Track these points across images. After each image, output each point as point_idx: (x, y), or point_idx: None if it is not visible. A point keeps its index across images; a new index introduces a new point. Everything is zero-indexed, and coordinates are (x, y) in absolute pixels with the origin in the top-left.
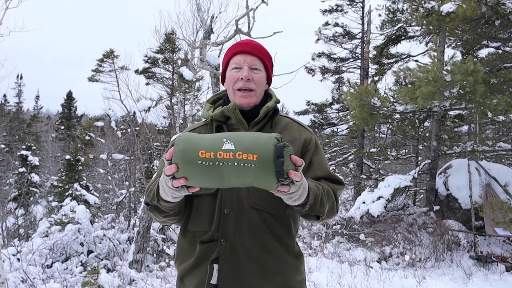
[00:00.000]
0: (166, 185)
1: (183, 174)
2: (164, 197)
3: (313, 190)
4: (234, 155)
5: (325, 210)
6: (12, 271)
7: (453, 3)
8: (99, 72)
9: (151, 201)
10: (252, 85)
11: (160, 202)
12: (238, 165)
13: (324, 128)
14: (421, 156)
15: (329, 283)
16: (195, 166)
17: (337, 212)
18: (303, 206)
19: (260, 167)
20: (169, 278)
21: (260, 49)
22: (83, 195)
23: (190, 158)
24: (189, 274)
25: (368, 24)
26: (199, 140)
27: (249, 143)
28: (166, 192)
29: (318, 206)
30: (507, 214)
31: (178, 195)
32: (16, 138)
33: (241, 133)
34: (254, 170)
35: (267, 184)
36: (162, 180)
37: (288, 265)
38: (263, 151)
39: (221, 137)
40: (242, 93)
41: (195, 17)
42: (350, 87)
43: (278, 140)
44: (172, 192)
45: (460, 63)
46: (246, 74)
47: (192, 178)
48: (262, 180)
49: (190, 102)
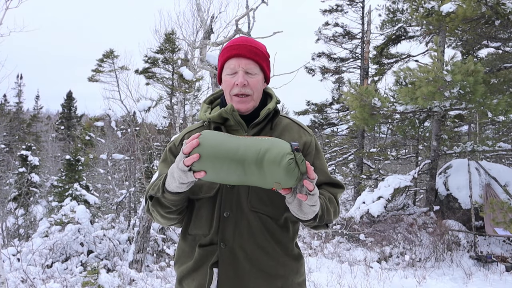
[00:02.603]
0: (177, 167)
1: (202, 168)
2: (170, 187)
3: (320, 202)
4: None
5: (331, 217)
6: (12, 271)
7: (453, 3)
8: (99, 72)
9: (155, 193)
10: (248, 90)
11: (165, 194)
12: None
13: (324, 128)
14: (421, 156)
15: (329, 283)
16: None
17: (339, 215)
18: (315, 219)
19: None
20: (169, 278)
21: (255, 51)
22: (83, 195)
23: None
24: (188, 277)
25: (368, 24)
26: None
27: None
28: (175, 176)
29: (326, 216)
30: (507, 214)
31: (185, 180)
32: (16, 138)
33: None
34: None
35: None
36: (173, 164)
37: (288, 268)
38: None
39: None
40: (239, 99)
41: (195, 17)
42: (350, 87)
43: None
44: (180, 175)
45: (460, 63)
46: (241, 80)
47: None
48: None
49: (190, 102)
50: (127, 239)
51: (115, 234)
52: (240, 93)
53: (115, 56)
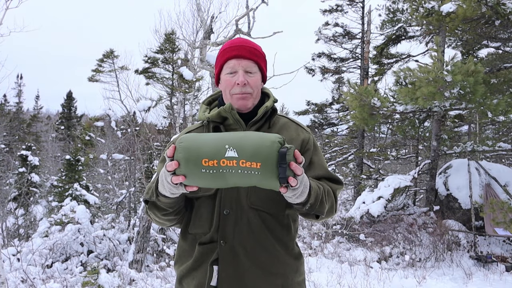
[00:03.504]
0: (165, 179)
1: (184, 174)
2: (162, 191)
3: (314, 190)
4: (237, 163)
5: (324, 210)
6: (12, 271)
7: (453, 3)
8: (99, 72)
9: (150, 197)
10: (248, 89)
11: (159, 197)
12: (241, 172)
13: (324, 128)
14: (421, 156)
15: (329, 283)
16: (199, 174)
17: (336, 211)
18: (304, 205)
19: (263, 174)
20: (169, 278)
21: (254, 51)
22: (83, 195)
23: (193, 167)
24: (188, 276)
25: (368, 24)
26: (201, 146)
27: (252, 149)
28: (165, 187)
29: (318, 206)
30: (507, 214)
31: (176, 192)
32: (16, 138)
33: (242, 135)
34: (257, 177)
35: (270, 186)
36: (162, 175)
37: (288, 266)
38: (266, 159)
39: (223, 142)
40: (239, 95)
41: (195, 17)
42: (350, 87)
43: (281, 144)
44: (170, 188)
45: (460, 63)
46: (242, 79)
47: (194, 181)
48: (265, 184)
49: (190, 102)
50: (127, 239)
51: (115, 234)
52: (240, 93)
53: (115, 56)
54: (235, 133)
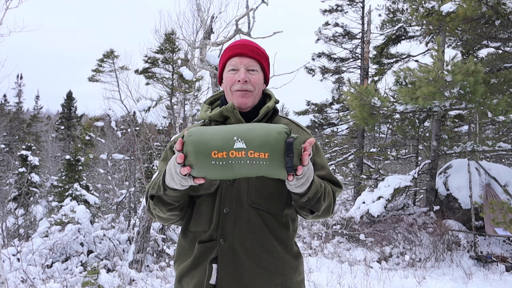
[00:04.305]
0: (175, 171)
1: (193, 165)
2: (171, 184)
3: (316, 185)
4: (246, 154)
5: (321, 207)
6: (12, 271)
7: (453, 3)
8: (99, 72)
9: (157, 191)
10: (249, 87)
11: (166, 191)
12: (250, 163)
13: (324, 128)
14: (421, 156)
15: (329, 283)
16: (209, 166)
17: (332, 213)
18: (302, 196)
19: (271, 164)
20: (169, 278)
21: (257, 50)
22: (83, 195)
23: (203, 159)
24: (187, 275)
25: (368, 24)
26: (210, 139)
27: (260, 140)
28: (175, 179)
29: (316, 202)
30: (507, 214)
31: (185, 184)
32: (16, 138)
33: (250, 127)
34: (265, 166)
35: (278, 176)
36: (172, 168)
37: (287, 265)
38: (274, 149)
39: (231, 133)
40: (239, 93)
41: (195, 17)
42: (350, 87)
43: (287, 134)
44: (180, 180)
45: (461, 63)
46: (243, 76)
47: (203, 173)
48: (272, 173)
49: (190, 102)
50: (127, 239)
51: (115, 234)
52: (241, 89)
53: (115, 56)
54: (242, 125)
